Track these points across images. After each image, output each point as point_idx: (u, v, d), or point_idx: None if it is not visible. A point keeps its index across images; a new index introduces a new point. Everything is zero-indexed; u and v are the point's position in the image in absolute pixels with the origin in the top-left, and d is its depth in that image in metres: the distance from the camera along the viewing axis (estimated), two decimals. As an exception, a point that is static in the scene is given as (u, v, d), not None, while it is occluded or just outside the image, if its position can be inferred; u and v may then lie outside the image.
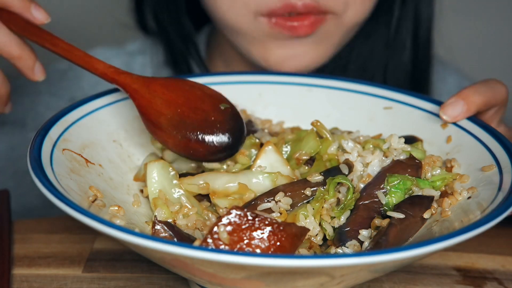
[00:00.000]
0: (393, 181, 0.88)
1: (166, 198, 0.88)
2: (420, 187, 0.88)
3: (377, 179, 0.89)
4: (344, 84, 1.05)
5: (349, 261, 0.69)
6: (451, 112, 0.94)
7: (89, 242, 0.97)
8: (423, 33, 1.29)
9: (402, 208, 0.86)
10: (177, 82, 0.94)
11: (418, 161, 0.90)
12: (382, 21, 1.28)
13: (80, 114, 0.94)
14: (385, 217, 0.86)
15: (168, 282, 0.90)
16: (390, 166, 0.89)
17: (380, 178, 0.89)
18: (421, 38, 1.29)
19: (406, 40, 1.28)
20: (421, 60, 1.31)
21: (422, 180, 0.89)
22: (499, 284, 0.93)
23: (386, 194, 0.88)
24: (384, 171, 0.89)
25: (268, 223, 0.76)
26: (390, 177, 0.88)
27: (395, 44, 1.29)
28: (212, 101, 0.94)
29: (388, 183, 0.88)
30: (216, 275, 0.74)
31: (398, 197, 0.87)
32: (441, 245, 0.71)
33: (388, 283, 0.92)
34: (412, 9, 1.27)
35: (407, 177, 0.88)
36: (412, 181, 0.88)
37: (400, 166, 0.89)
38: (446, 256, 0.97)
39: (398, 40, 1.28)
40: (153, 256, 0.76)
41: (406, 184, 0.88)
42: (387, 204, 0.87)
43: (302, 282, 0.74)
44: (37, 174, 0.79)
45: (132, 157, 0.97)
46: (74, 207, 0.74)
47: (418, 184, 0.88)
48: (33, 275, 0.91)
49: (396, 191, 0.88)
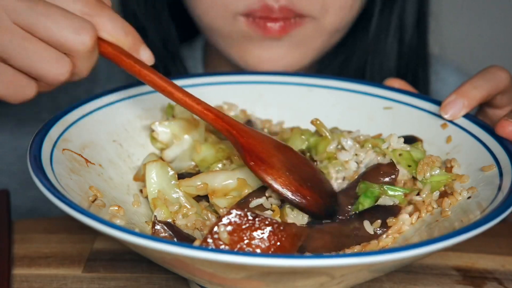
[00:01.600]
0: (363, 188, 0.88)
1: (166, 198, 0.88)
2: (386, 195, 0.87)
3: (354, 182, 0.89)
4: (344, 84, 1.06)
5: (349, 261, 0.69)
6: (452, 110, 0.94)
7: (89, 242, 0.97)
8: (408, 38, 1.29)
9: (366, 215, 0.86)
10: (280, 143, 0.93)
11: (396, 169, 0.89)
12: (362, 28, 1.29)
13: (80, 114, 0.93)
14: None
15: (168, 282, 0.90)
16: (368, 170, 0.89)
17: (356, 181, 0.89)
18: (406, 43, 1.29)
19: (387, 46, 1.28)
20: (409, 64, 1.31)
21: (391, 188, 0.87)
22: (499, 284, 0.93)
23: (356, 199, 0.88)
24: (360, 175, 0.89)
25: (269, 223, 0.76)
26: (361, 183, 0.88)
27: (376, 49, 1.28)
28: (313, 166, 0.92)
29: (359, 189, 0.88)
30: (216, 275, 0.74)
31: (367, 204, 0.87)
32: (441, 245, 0.71)
33: (388, 283, 0.92)
34: (396, 15, 1.27)
35: (375, 185, 0.87)
36: (379, 190, 0.87)
37: (374, 172, 0.89)
38: (446, 256, 0.98)
39: (379, 46, 1.28)
40: (153, 256, 0.76)
41: (374, 192, 0.87)
42: (356, 208, 0.87)
43: (302, 282, 0.74)
44: (37, 174, 0.79)
45: (132, 157, 0.97)
46: (74, 207, 0.74)
47: (385, 192, 0.87)
48: (33, 275, 0.91)
49: (365, 198, 0.87)
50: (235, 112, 1.04)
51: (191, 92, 0.90)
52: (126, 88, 1.00)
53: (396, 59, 1.29)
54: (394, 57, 1.29)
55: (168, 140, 0.97)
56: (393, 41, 1.28)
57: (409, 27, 1.28)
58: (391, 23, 1.27)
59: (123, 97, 0.99)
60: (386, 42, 1.27)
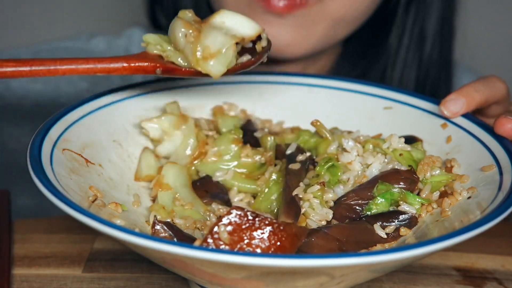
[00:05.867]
0: (382, 189, 0.88)
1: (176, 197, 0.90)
2: (407, 201, 0.87)
3: (369, 183, 0.89)
4: (344, 84, 1.06)
5: (349, 261, 0.69)
6: (452, 108, 0.94)
7: (89, 242, 0.98)
8: (429, 48, 1.29)
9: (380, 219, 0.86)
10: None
11: (416, 176, 0.89)
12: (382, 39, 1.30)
13: (80, 114, 0.94)
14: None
15: (168, 282, 0.90)
16: (386, 173, 0.89)
17: (372, 182, 0.89)
18: (427, 53, 1.30)
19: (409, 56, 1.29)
20: (430, 73, 1.31)
21: (412, 196, 0.88)
22: (498, 284, 0.94)
23: (371, 200, 0.88)
24: (378, 177, 0.89)
25: (269, 223, 0.76)
26: (381, 185, 0.88)
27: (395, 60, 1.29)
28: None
29: (377, 190, 0.88)
30: (216, 275, 0.74)
31: (382, 205, 0.87)
32: (441, 245, 0.72)
33: (388, 283, 0.92)
34: (418, 25, 1.28)
35: (397, 189, 0.88)
36: (400, 194, 0.88)
37: (394, 176, 0.89)
38: (446, 256, 0.98)
39: (398, 57, 1.29)
40: (153, 256, 0.76)
41: (393, 195, 0.87)
42: (368, 209, 0.87)
43: (302, 282, 0.75)
44: (37, 174, 0.79)
45: (132, 157, 0.97)
46: (74, 207, 0.74)
47: (406, 198, 0.87)
48: (33, 275, 0.91)
49: (381, 200, 0.87)
50: (235, 112, 1.05)
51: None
52: (126, 89, 1.00)
53: (417, 69, 1.30)
54: (415, 67, 1.29)
55: (160, 137, 0.98)
56: (415, 51, 1.29)
57: (431, 36, 1.29)
58: (412, 34, 1.28)
59: (123, 97, 0.99)
60: (408, 52, 1.28)
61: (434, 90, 1.29)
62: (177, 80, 1.03)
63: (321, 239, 0.82)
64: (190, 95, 1.04)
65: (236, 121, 1.02)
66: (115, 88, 0.99)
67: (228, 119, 1.02)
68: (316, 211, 0.86)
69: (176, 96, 1.02)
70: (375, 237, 0.85)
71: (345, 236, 0.83)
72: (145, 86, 1.02)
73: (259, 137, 0.99)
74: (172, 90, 1.03)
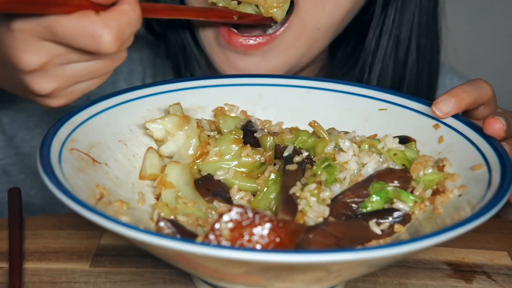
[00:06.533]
0: (377, 187, 0.89)
1: (179, 195, 0.91)
2: (400, 199, 0.88)
3: (365, 182, 0.90)
4: (341, 86, 1.07)
5: (345, 256, 0.70)
6: (444, 108, 0.96)
7: (96, 238, 0.98)
8: (402, 53, 1.29)
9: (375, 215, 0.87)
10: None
11: (409, 175, 0.90)
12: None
13: (87, 115, 0.94)
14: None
15: (171, 277, 0.91)
16: (381, 172, 0.90)
17: (368, 181, 0.90)
18: (400, 56, 1.29)
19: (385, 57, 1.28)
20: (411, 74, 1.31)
21: (405, 194, 0.89)
22: (487, 277, 0.95)
23: (366, 198, 0.89)
24: (373, 175, 0.90)
25: (268, 220, 0.77)
26: (376, 183, 0.89)
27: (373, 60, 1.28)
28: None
29: (372, 188, 0.89)
30: (217, 270, 0.75)
31: (377, 203, 0.88)
32: (433, 241, 0.73)
33: (383, 277, 0.93)
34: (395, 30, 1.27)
35: (391, 187, 0.89)
36: (394, 192, 0.89)
37: (389, 175, 0.90)
38: (438, 251, 0.99)
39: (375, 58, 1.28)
40: (157, 252, 0.77)
41: (388, 193, 0.89)
42: (364, 207, 0.89)
43: (300, 277, 0.76)
44: (46, 173, 0.80)
45: (137, 156, 0.98)
46: (82, 204, 0.75)
47: (400, 196, 0.89)
48: (43, 269, 0.92)
49: (376, 198, 0.88)
50: (235, 113, 1.06)
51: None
52: (130, 91, 1.01)
53: (392, 73, 1.29)
54: (390, 71, 1.29)
55: (163, 137, 0.99)
56: (390, 55, 1.28)
57: (405, 40, 1.28)
58: (390, 37, 1.26)
59: (128, 99, 1.00)
60: (385, 55, 1.27)
61: (413, 93, 1.29)
62: (180, 82, 1.04)
63: (319, 235, 0.83)
64: (193, 96, 1.05)
65: (236, 122, 1.03)
66: (120, 90, 1.00)
67: (229, 120, 1.03)
68: (313, 208, 0.86)
69: (179, 98, 1.03)
70: (370, 234, 0.86)
71: (342, 232, 0.84)
72: (149, 88, 1.03)
73: (259, 137, 1.00)
74: (175, 92, 1.04)
